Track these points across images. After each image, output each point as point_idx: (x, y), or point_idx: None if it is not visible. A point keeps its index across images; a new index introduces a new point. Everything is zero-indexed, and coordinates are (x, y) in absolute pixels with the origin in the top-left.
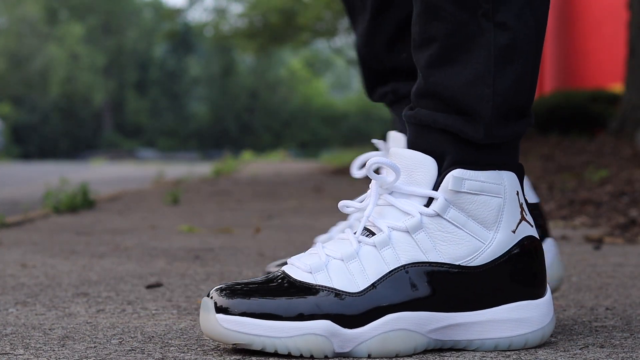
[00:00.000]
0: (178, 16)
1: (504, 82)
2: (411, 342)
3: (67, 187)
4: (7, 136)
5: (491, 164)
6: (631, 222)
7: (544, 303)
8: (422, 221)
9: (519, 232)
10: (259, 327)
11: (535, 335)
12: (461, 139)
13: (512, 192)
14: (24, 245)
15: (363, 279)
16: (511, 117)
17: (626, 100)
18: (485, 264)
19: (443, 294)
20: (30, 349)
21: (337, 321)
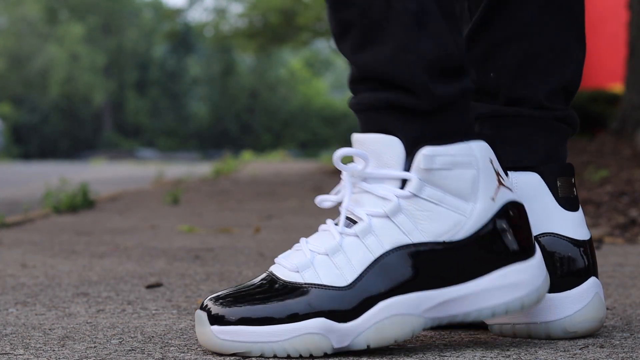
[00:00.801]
0: (178, 16)
1: (425, 45)
2: (407, 325)
3: (67, 187)
4: (7, 136)
5: (454, 133)
6: (631, 222)
7: (534, 263)
8: (400, 204)
9: (498, 198)
10: (254, 334)
11: (531, 296)
12: (409, 113)
13: (484, 161)
14: (24, 245)
15: (350, 271)
16: (448, 76)
17: (626, 100)
18: (470, 235)
19: (431, 271)
20: (30, 349)
21: (331, 317)
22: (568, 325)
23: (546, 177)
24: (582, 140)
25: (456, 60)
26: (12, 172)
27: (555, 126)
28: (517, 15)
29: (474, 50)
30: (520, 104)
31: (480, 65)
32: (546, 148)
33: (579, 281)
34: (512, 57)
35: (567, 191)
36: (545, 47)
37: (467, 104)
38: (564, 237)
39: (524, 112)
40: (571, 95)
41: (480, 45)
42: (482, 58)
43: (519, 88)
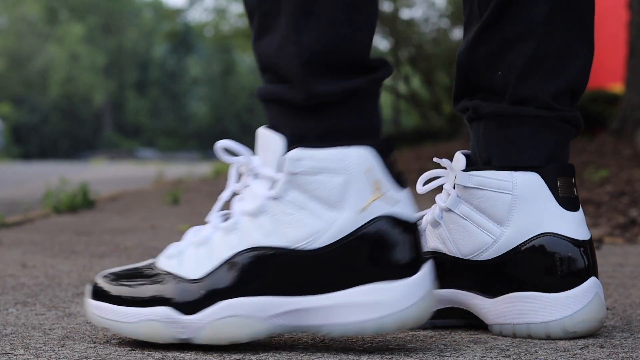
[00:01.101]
0: (178, 16)
1: (309, 36)
2: (247, 328)
3: (67, 187)
4: (7, 136)
5: (339, 135)
6: (631, 222)
7: (403, 285)
8: (265, 204)
9: (369, 211)
10: (112, 312)
11: (392, 319)
12: (291, 109)
13: (358, 170)
14: (24, 245)
15: (206, 265)
16: (336, 72)
17: (626, 100)
18: (327, 245)
19: (283, 278)
20: (30, 349)
21: (176, 307)
22: (568, 325)
23: (546, 177)
24: (582, 140)
25: (350, 55)
26: (12, 172)
27: (560, 127)
28: (526, 15)
29: (482, 49)
30: (526, 104)
31: (488, 63)
32: (550, 148)
33: (579, 281)
34: (520, 56)
35: (567, 191)
36: (553, 48)
37: (360, 105)
38: (564, 237)
39: (529, 112)
40: (577, 96)
41: (489, 43)
42: (491, 56)
43: (526, 87)
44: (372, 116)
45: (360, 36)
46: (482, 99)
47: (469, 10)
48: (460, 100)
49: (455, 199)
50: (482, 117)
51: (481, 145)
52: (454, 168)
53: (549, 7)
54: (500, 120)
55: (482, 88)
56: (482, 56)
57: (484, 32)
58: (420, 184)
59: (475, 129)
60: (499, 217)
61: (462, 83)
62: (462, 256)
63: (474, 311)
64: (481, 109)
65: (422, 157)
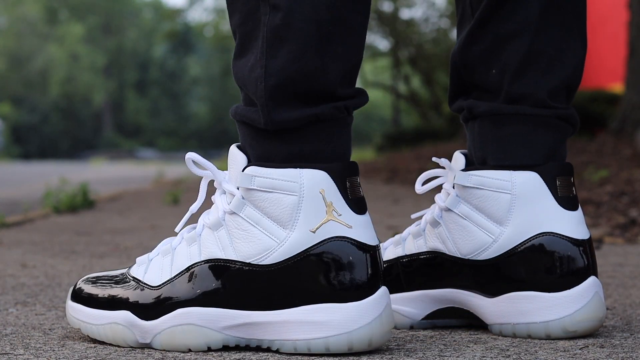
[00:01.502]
0: (178, 16)
1: (277, 62)
2: (201, 337)
3: (67, 187)
4: (7, 136)
5: (299, 159)
6: (631, 222)
7: (354, 307)
8: (224, 218)
9: (321, 232)
10: (83, 314)
11: (339, 339)
12: (259, 131)
13: (312, 190)
14: (24, 245)
15: (167, 273)
16: (301, 99)
17: (626, 100)
18: (277, 262)
19: (236, 291)
20: (30, 349)
21: (136, 312)
22: (568, 325)
23: (545, 177)
24: (582, 140)
25: (318, 85)
26: (12, 172)
27: (556, 125)
28: (519, 12)
29: (476, 47)
30: (521, 102)
31: (482, 62)
32: (546, 146)
33: (579, 280)
34: (514, 54)
35: (566, 190)
36: (547, 45)
37: (324, 131)
38: (564, 237)
39: (525, 111)
40: (572, 93)
41: (482, 42)
42: (484, 55)
43: (521, 85)
44: (337, 142)
45: (331, 67)
46: (477, 98)
47: (461, 9)
48: (456, 100)
49: (455, 198)
50: (477, 116)
51: (477, 145)
52: (453, 168)
53: (542, 4)
54: (495, 119)
55: (476, 87)
56: (475, 55)
57: (477, 31)
58: (419, 183)
59: (471, 128)
60: (499, 216)
61: (456, 83)
62: (461, 256)
63: (474, 311)
64: (476, 109)
65: (422, 157)
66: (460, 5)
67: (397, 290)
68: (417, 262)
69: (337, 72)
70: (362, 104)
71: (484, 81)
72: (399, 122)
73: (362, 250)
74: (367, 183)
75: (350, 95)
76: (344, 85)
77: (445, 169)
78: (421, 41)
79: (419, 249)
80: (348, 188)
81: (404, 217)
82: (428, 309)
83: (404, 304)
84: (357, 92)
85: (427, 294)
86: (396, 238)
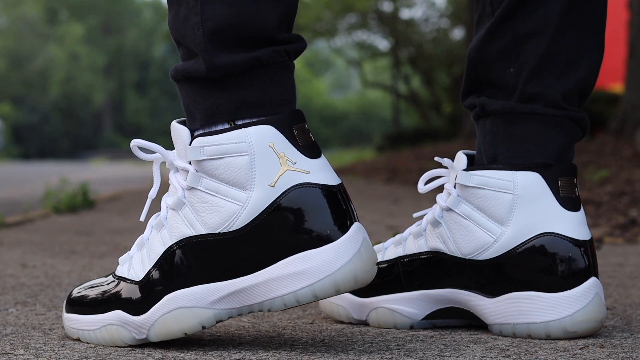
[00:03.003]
0: None
1: (212, 7)
2: (194, 317)
3: (67, 187)
4: (7, 136)
5: (245, 109)
6: (631, 222)
7: (328, 249)
8: (184, 196)
9: (281, 184)
10: (78, 322)
11: (324, 284)
12: (201, 83)
13: (261, 146)
14: (24, 245)
15: (147, 264)
16: (240, 44)
17: (626, 100)
18: (245, 225)
19: (215, 264)
20: (30, 349)
21: (126, 310)
22: (568, 325)
23: (548, 177)
24: (582, 140)
25: (254, 29)
26: (12, 172)
27: (567, 126)
28: (539, 12)
29: (494, 45)
30: (534, 101)
31: (500, 59)
32: (558, 146)
33: (579, 281)
34: (531, 53)
35: (568, 191)
36: (565, 46)
37: (266, 75)
38: (565, 237)
39: (538, 110)
40: (585, 97)
41: (501, 40)
42: (502, 53)
43: (536, 85)
44: (281, 88)
45: (267, 13)
46: (490, 96)
47: (481, 7)
48: (469, 97)
49: (456, 198)
50: (489, 113)
51: (488, 143)
52: (454, 167)
53: (563, 5)
54: (508, 118)
55: (491, 84)
56: (493, 52)
57: (496, 28)
58: (421, 183)
59: (482, 125)
60: (500, 216)
61: (472, 79)
62: (462, 256)
63: (474, 311)
64: (489, 106)
65: (422, 157)
66: (480, 3)
67: (397, 290)
68: (417, 262)
69: (274, 18)
70: (302, 49)
71: (499, 79)
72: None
73: (325, 191)
74: (367, 183)
75: (290, 40)
76: (282, 30)
77: (447, 168)
78: (421, 41)
79: (420, 248)
80: (297, 136)
81: (404, 217)
82: (428, 309)
83: (404, 304)
84: (295, 37)
85: (427, 294)
86: (397, 238)
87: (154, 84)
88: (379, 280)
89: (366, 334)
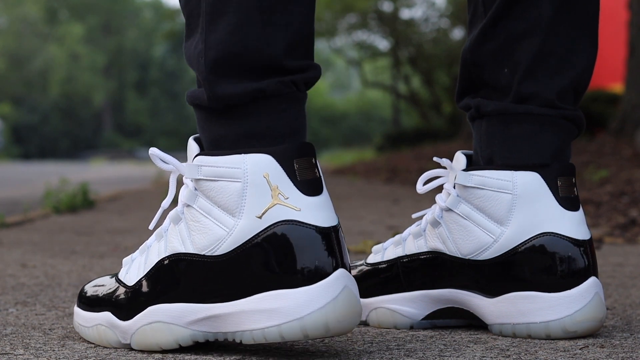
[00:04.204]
0: (178, 16)
1: (216, 35)
2: (170, 334)
3: (67, 187)
4: (7, 136)
5: (248, 140)
6: (631, 222)
7: (303, 292)
8: (182, 211)
9: (268, 217)
10: (78, 316)
11: (291, 326)
12: (207, 112)
13: (255, 175)
14: (24, 245)
15: (141, 271)
16: (244, 73)
17: (626, 100)
18: (228, 252)
19: (195, 285)
20: (30, 349)
21: (114, 313)
22: (568, 325)
23: (547, 177)
24: (582, 140)
25: (260, 57)
26: (12, 172)
27: (563, 125)
28: (532, 11)
29: (488, 45)
30: (529, 101)
31: (494, 59)
32: (553, 146)
33: (579, 281)
34: (525, 53)
35: (567, 191)
36: (558, 45)
37: (270, 107)
38: (565, 237)
39: (532, 110)
40: (580, 95)
41: (494, 40)
42: (496, 53)
43: (531, 84)
44: (287, 120)
45: (275, 38)
46: (485, 97)
47: (473, 7)
48: (464, 98)
49: (456, 198)
50: (484, 115)
51: (483, 144)
52: (454, 168)
53: (554, 4)
54: (503, 118)
55: (486, 85)
56: (487, 53)
57: (489, 29)
58: (420, 183)
59: (478, 127)
60: (499, 216)
61: (466, 80)
62: (462, 256)
63: (474, 311)
64: (484, 107)
65: (422, 157)
66: (472, 4)
67: (397, 290)
68: (417, 262)
69: (282, 44)
70: (313, 79)
71: (493, 79)
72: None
73: (313, 232)
74: (367, 183)
75: (300, 69)
76: (292, 58)
77: (446, 169)
78: (421, 41)
79: (420, 249)
80: (297, 170)
81: (403, 217)
82: (428, 309)
83: (404, 304)
84: (307, 65)
85: (427, 294)
86: (396, 238)
87: (154, 84)
88: (379, 280)
89: (366, 334)
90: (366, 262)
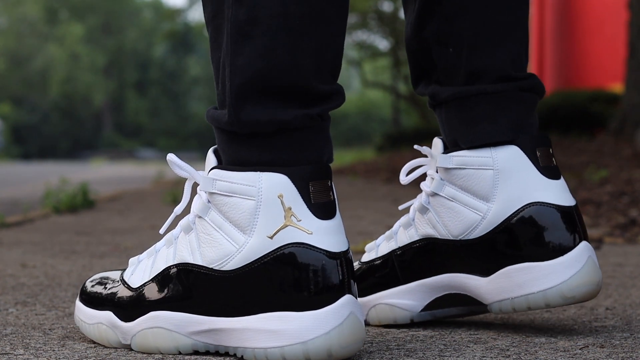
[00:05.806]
0: (178, 16)
1: (242, 59)
2: (171, 341)
3: (67, 187)
4: (7, 136)
5: (253, 161)
6: (631, 222)
7: (310, 316)
8: (194, 222)
9: (279, 238)
10: (81, 312)
11: (294, 349)
12: (228, 134)
13: (270, 195)
14: (24, 245)
15: (147, 275)
16: (270, 99)
17: (626, 100)
18: (236, 269)
19: (201, 297)
20: (30, 349)
21: (116, 314)
22: (566, 291)
23: (525, 149)
24: (582, 140)
25: (287, 82)
26: (12, 172)
27: (521, 97)
28: None
29: (426, 30)
30: (482, 79)
31: (436, 42)
32: (512, 121)
33: (571, 246)
34: (465, 28)
35: (546, 161)
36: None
37: (293, 138)
38: (551, 205)
39: (486, 89)
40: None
41: (433, 22)
42: (437, 35)
43: (478, 59)
44: (311, 150)
45: (304, 62)
46: (438, 82)
47: None
48: (418, 85)
49: (439, 182)
50: (441, 102)
51: (446, 129)
52: (433, 154)
53: None
54: (459, 103)
55: (435, 68)
56: (428, 37)
57: (424, 12)
58: (403, 174)
59: (439, 114)
60: (484, 193)
61: (415, 67)
62: (453, 237)
63: (472, 293)
64: (439, 95)
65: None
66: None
67: (393, 284)
68: (411, 252)
69: (311, 67)
70: (336, 107)
71: (441, 62)
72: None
73: (323, 257)
74: (367, 183)
75: (326, 95)
76: (320, 80)
77: (426, 157)
78: None
79: (411, 238)
80: (312, 192)
81: None
82: (426, 299)
83: (402, 297)
84: (333, 91)
85: (423, 283)
86: (387, 233)
87: (154, 84)
88: (375, 277)
89: (366, 334)
90: (361, 262)
